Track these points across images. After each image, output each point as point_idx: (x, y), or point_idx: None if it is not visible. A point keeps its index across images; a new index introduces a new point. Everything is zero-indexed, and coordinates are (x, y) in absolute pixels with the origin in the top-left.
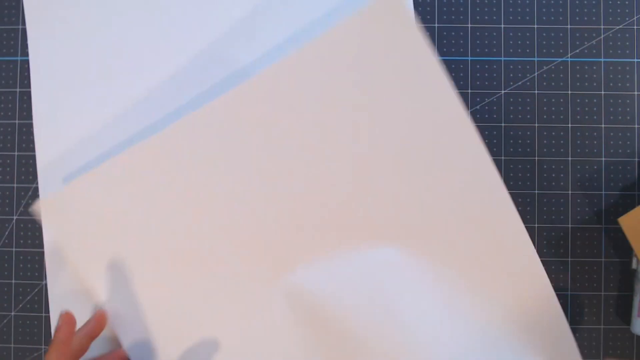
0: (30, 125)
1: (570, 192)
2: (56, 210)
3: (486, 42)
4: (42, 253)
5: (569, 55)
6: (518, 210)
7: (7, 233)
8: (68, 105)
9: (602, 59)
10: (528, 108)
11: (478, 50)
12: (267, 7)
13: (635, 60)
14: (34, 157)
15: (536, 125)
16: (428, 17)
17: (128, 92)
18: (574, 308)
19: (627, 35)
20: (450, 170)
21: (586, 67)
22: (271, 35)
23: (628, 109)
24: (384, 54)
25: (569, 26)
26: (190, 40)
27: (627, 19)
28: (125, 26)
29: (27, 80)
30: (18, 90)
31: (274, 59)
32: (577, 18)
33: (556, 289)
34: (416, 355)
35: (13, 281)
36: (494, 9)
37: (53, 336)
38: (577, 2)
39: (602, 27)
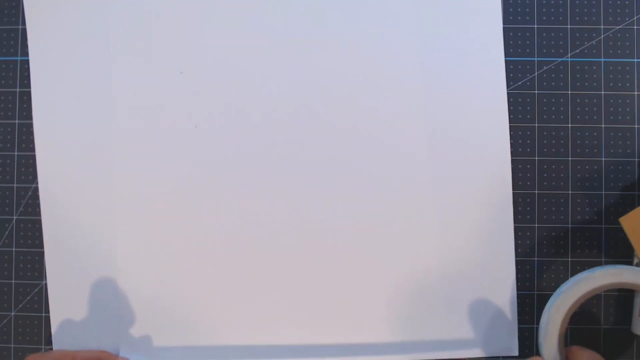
0: (30, 125)
1: (570, 192)
2: None
3: None
4: (42, 253)
5: (569, 55)
6: (518, 210)
7: (7, 233)
8: (68, 105)
9: (602, 59)
10: (528, 108)
11: None
12: None
13: (635, 60)
14: (34, 157)
15: (536, 125)
16: None
17: (128, 91)
18: None
19: (627, 35)
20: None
21: (586, 67)
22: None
23: (628, 109)
24: None
25: (569, 26)
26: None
27: (627, 19)
28: (126, 25)
29: (27, 80)
30: (18, 90)
31: None
32: (577, 18)
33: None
34: None
35: (13, 281)
36: None
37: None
38: (577, 2)
39: (602, 27)
